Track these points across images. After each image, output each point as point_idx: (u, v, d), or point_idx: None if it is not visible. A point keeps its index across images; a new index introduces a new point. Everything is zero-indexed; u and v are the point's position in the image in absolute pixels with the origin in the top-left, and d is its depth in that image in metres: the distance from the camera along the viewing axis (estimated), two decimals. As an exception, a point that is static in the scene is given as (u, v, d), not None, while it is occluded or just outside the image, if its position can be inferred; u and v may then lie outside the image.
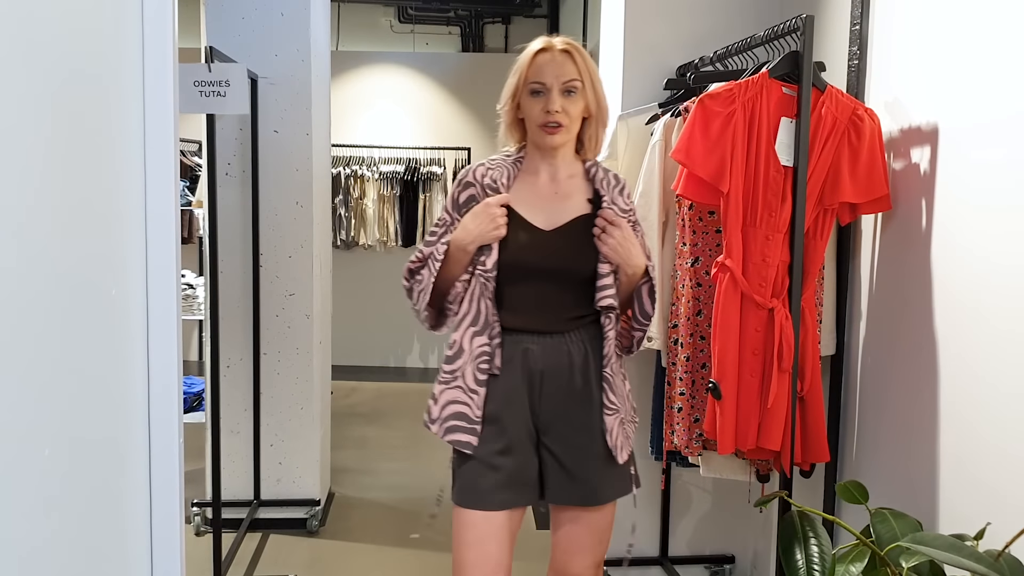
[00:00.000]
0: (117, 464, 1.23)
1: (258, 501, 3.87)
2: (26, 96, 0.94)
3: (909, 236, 2.21)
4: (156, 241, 1.30)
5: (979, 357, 1.93)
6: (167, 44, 1.29)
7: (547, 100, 1.99)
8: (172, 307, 1.32)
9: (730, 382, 2.33)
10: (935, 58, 2.14)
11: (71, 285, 1.07)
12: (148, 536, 1.34)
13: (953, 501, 2.02)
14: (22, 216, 0.93)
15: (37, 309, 0.97)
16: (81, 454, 1.10)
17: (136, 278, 1.28)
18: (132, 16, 1.25)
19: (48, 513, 1.02)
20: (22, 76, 0.93)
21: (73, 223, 1.07)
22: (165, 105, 1.29)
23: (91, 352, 1.13)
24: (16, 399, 0.93)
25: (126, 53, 1.24)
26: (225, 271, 3.70)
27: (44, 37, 0.99)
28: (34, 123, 0.96)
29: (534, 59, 2.01)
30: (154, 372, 1.32)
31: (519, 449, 2.03)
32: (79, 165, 1.08)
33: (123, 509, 1.26)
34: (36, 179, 0.97)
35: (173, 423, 1.34)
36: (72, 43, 1.07)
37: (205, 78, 3.00)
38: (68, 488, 1.07)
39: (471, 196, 2.07)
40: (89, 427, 1.13)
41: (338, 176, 7.12)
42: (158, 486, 1.34)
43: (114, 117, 1.20)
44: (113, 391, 1.21)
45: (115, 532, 1.23)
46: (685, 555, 3.26)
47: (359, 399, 6.50)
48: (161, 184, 1.30)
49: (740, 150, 2.27)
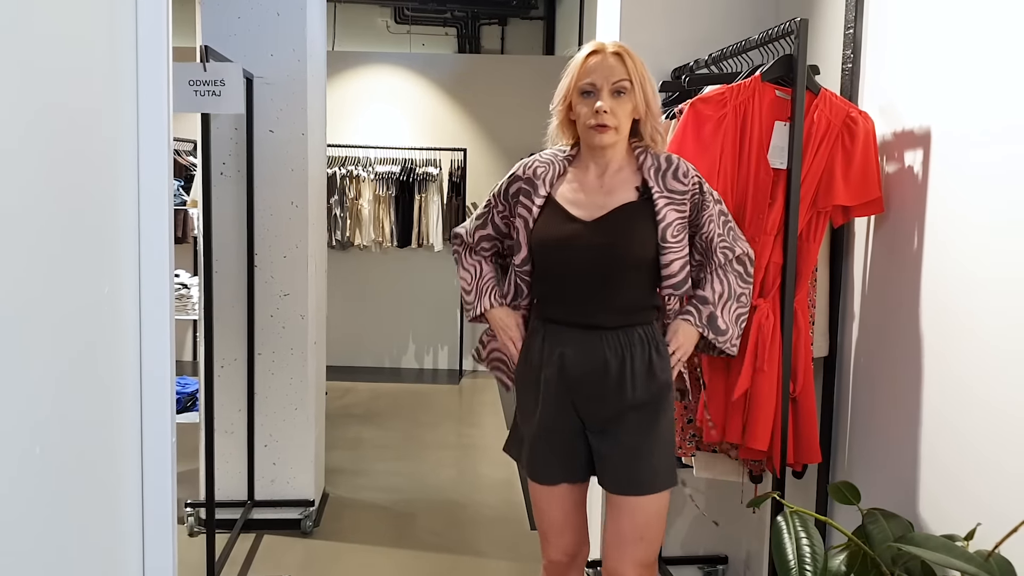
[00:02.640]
0: (110, 464, 1.23)
1: (252, 502, 3.86)
2: (20, 93, 0.95)
3: (902, 239, 2.22)
4: (149, 240, 1.31)
5: (969, 359, 1.94)
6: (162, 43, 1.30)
7: (596, 100, 2.05)
8: (165, 307, 1.32)
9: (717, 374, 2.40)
10: (928, 62, 2.15)
11: (64, 284, 1.07)
12: (141, 536, 1.34)
13: (944, 502, 2.03)
14: (15, 215, 0.94)
15: (29, 308, 0.97)
16: (73, 453, 1.10)
17: (129, 277, 1.28)
18: (126, 15, 1.26)
19: (40, 512, 1.02)
20: (15, 73, 0.93)
21: (66, 222, 1.07)
22: (159, 104, 1.30)
23: (84, 352, 1.13)
24: (8, 398, 0.93)
25: (120, 52, 1.24)
26: (220, 271, 3.70)
27: (38, 35, 0.99)
28: (28, 121, 0.97)
29: (585, 61, 2.08)
30: (147, 372, 1.32)
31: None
32: (73, 164, 1.09)
33: (116, 509, 1.26)
34: (29, 177, 0.97)
35: (166, 423, 1.34)
36: (66, 42, 1.07)
37: (200, 77, 2.99)
38: (60, 488, 1.07)
39: (519, 189, 2.20)
40: (81, 426, 1.13)
41: (334, 176, 7.11)
42: (151, 486, 1.34)
43: (108, 116, 1.20)
44: (106, 390, 1.21)
45: (107, 532, 1.23)
46: (678, 555, 3.26)
47: (354, 400, 6.50)
48: (155, 183, 1.30)
49: (729, 153, 2.29)
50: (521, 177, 2.20)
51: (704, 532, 3.27)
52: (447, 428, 5.79)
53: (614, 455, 2.11)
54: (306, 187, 3.81)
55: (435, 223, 7.27)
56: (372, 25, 8.37)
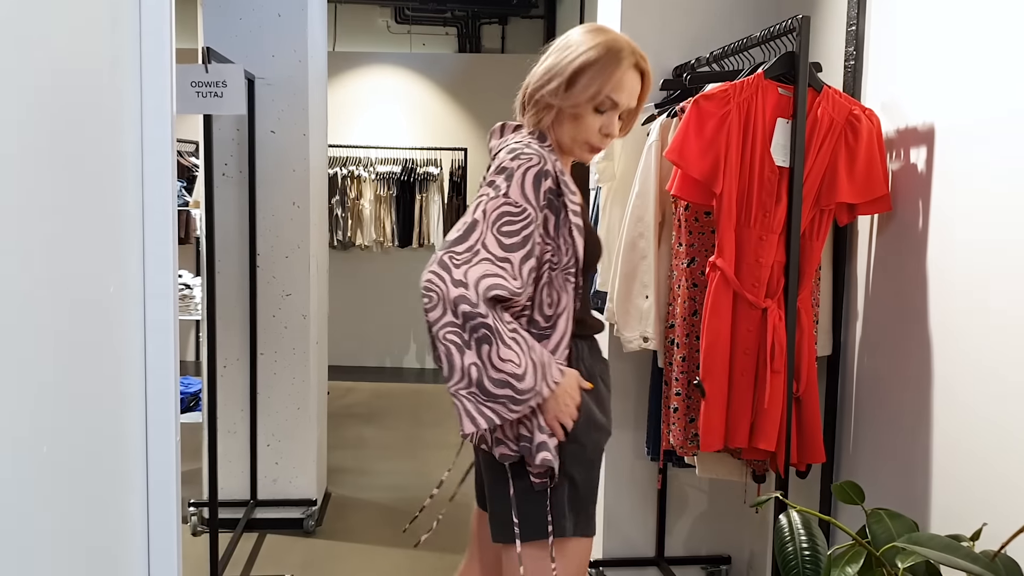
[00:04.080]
0: (114, 463, 1.23)
1: (255, 501, 3.86)
2: (23, 95, 0.95)
3: (906, 236, 2.22)
4: (153, 241, 1.31)
5: (975, 358, 1.94)
6: (164, 44, 1.30)
7: (609, 121, 1.81)
8: (169, 307, 1.32)
9: (716, 381, 2.34)
10: (931, 58, 2.14)
11: (69, 285, 1.07)
12: (145, 535, 1.34)
13: (949, 501, 2.03)
14: (20, 216, 0.94)
15: (35, 308, 0.97)
16: (78, 453, 1.10)
17: (133, 278, 1.28)
18: (129, 16, 1.25)
19: (45, 511, 1.02)
20: (19, 74, 0.93)
21: (71, 223, 1.07)
22: (162, 105, 1.30)
23: (89, 352, 1.13)
24: (14, 397, 0.93)
25: (123, 53, 1.24)
26: (222, 271, 3.70)
27: (41, 36, 0.99)
28: (32, 122, 0.97)
29: (625, 74, 1.78)
30: (151, 372, 1.32)
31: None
32: (76, 165, 1.09)
33: (120, 508, 1.26)
34: (33, 179, 0.97)
35: (170, 423, 1.34)
36: (69, 43, 1.07)
37: (202, 79, 2.99)
38: (65, 487, 1.07)
39: (550, 188, 1.75)
40: (86, 426, 1.13)
41: (335, 176, 7.12)
42: (155, 485, 1.34)
43: (112, 117, 1.20)
44: (111, 391, 1.21)
45: (112, 531, 1.23)
46: (681, 555, 3.26)
47: (356, 399, 6.50)
48: (158, 184, 1.30)
49: (734, 151, 2.28)
50: (550, 173, 1.75)
51: (707, 532, 3.27)
52: (449, 427, 5.79)
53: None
54: (308, 187, 3.81)
55: (436, 223, 7.28)
56: (372, 25, 8.36)
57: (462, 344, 1.64)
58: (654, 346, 2.72)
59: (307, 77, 3.76)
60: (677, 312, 2.60)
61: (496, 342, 1.63)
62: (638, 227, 2.70)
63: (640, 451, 3.14)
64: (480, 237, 1.66)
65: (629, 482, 3.21)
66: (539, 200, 1.72)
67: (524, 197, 1.70)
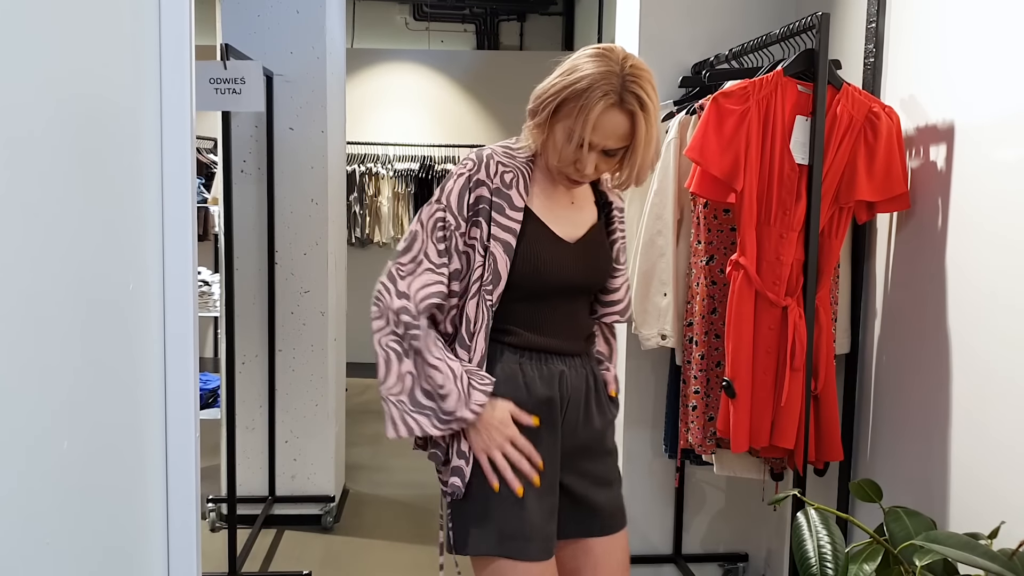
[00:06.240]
0: (134, 459, 1.24)
1: (273, 497, 3.89)
2: (44, 93, 0.95)
3: (925, 234, 2.20)
4: (173, 238, 1.31)
5: (994, 356, 1.92)
6: (184, 41, 1.30)
7: (587, 161, 1.70)
8: (188, 304, 1.33)
9: (744, 380, 2.33)
10: (951, 55, 2.13)
11: (89, 281, 1.07)
12: (164, 531, 1.35)
13: (967, 500, 2.02)
14: (42, 213, 0.94)
15: (56, 305, 0.98)
16: (99, 449, 1.11)
17: (153, 274, 1.29)
18: (149, 14, 1.26)
19: (65, 507, 1.03)
20: (40, 74, 0.94)
21: (91, 220, 1.08)
22: (182, 102, 1.30)
23: (109, 348, 1.14)
24: (36, 393, 0.94)
25: (143, 50, 1.25)
26: (240, 268, 3.72)
27: (61, 35, 1.00)
28: (53, 121, 0.97)
29: (600, 116, 1.65)
30: (170, 368, 1.33)
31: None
32: (97, 162, 1.09)
33: (140, 504, 1.27)
34: (55, 176, 0.98)
35: (189, 419, 1.35)
36: (90, 41, 1.08)
37: (221, 75, 3.01)
38: (85, 483, 1.08)
39: (484, 201, 1.72)
40: (107, 422, 1.14)
41: (353, 174, 7.14)
42: (174, 482, 1.35)
43: (131, 114, 1.21)
44: (130, 387, 1.22)
45: (132, 527, 1.24)
46: (698, 553, 3.26)
47: (373, 396, 6.51)
48: (178, 181, 1.31)
49: (754, 148, 2.26)
50: (487, 185, 1.72)
51: (724, 530, 3.26)
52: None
53: (599, 491, 1.88)
54: (326, 184, 3.82)
55: (454, 220, 7.28)
56: (391, 22, 8.38)
57: (402, 352, 1.73)
58: (672, 344, 2.72)
59: (325, 74, 3.77)
60: (695, 310, 2.59)
61: (426, 356, 1.70)
62: (656, 224, 2.69)
63: (658, 448, 3.13)
64: (422, 247, 1.75)
65: (647, 479, 3.20)
66: (462, 208, 1.73)
67: (448, 203, 1.74)
